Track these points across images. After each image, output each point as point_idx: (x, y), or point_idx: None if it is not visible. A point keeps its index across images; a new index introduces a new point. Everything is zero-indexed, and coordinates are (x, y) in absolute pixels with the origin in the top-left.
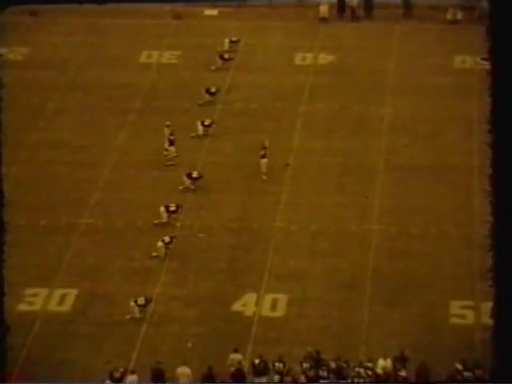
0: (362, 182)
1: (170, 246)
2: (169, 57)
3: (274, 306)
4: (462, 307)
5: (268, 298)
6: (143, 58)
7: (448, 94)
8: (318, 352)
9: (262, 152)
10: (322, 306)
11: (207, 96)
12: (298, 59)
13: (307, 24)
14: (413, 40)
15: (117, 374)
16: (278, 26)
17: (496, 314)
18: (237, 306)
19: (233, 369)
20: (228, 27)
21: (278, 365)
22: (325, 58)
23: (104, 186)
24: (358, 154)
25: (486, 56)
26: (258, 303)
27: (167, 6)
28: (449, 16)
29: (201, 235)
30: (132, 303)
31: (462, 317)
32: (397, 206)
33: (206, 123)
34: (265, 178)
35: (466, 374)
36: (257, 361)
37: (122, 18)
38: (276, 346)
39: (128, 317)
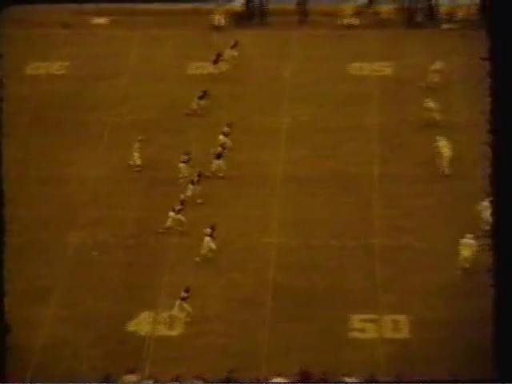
0: (261, 194)
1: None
2: (57, 68)
3: (171, 325)
4: (364, 321)
5: (165, 317)
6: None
7: (345, 101)
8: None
9: None
10: (222, 323)
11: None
12: (191, 68)
13: (201, 32)
14: (309, 47)
15: None
16: (170, 35)
17: (496, 314)
18: (132, 326)
19: None
20: (119, 36)
21: None
22: (220, 67)
23: None
24: (256, 165)
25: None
26: (154, 322)
27: (55, 15)
28: (345, 21)
29: (94, 253)
30: None
31: (363, 331)
32: (296, 218)
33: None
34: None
35: None
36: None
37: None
38: (173, 366)
39: None
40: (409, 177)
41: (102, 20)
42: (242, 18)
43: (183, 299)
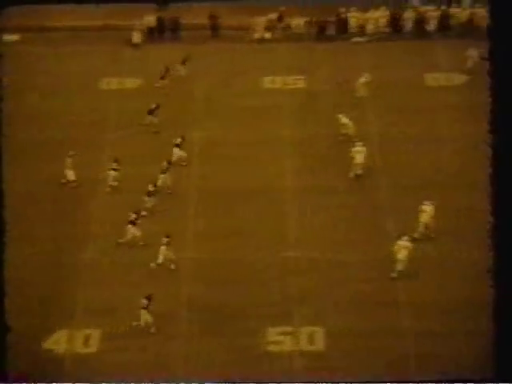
0: (174, 208)
1: None
2: None
3: (86, 342)
4: (280, 333)
5: (80, 334)
6: None
7: (259, 115)
8: None
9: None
10: (137, 339)
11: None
12: (103, 84)
13: (114, 48)
14: (222, 61)
15: None
16: (83, 50)
17: (496, 315)
18: (48, 344)
19: None
20: (31, 52)
21: None
22: (134, 82)
23: None
24: (171, 180)
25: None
26: (70, 340)
27: None
28: (256, 35)
29: None
30: None
31: (279, 343)
32: (209, 232)
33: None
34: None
35: None
36: None
37: None
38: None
39: None
40: (324, 189)
41: (13, 37)
42: (155, 33)
43: (144, 308)
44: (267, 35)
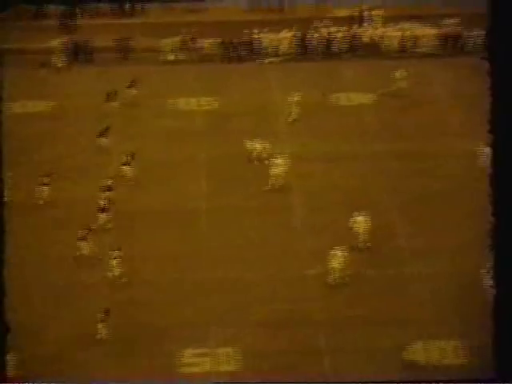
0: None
1: None
2: None
3: None
4: (196, 355)
5: None
6: None
7: (173, 136)
8: None
9: None
10: (56, 363)
11: None
12: (17, 107)
13: (25, 71)
14: (134, 83)
15: None
16: None
17: (496, 314)
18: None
19: None
20: None
21: None
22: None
23: None
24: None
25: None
26: None
27: None
28: (168, 57)
29: None
30: None
31: (195, 365)
32: (128, 254)
33: None
34: None
35: None
36: None
37: None
38: None
39: None
40: (238, 210)
41: None
42: (68, 55)
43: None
44: (179, 56)
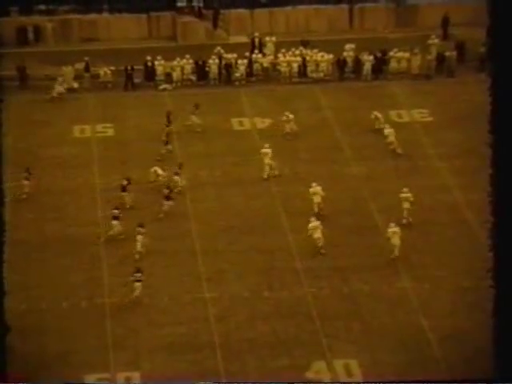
0: None
1: None
2: None
3: None
4: (98, 380)
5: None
6: None
7: (68, 163)
8: None
9: None
10: None
11: None
12: None
13: None
14: (30, 112)
15: None
16: None
17: (496, 314)
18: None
19: None
20: None
21: None
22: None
23: None
24: None
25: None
26: None
27: None
28: (65, 85)
29: None
30: None
31: None
32: (24, 282)
33: None
34: None
35: None
36: None
37: None
38: None
39: None
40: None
41: None
42: None
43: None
44: (75, 84)
